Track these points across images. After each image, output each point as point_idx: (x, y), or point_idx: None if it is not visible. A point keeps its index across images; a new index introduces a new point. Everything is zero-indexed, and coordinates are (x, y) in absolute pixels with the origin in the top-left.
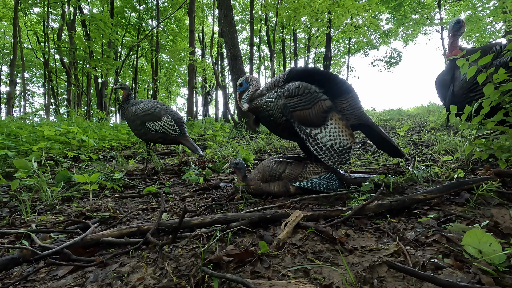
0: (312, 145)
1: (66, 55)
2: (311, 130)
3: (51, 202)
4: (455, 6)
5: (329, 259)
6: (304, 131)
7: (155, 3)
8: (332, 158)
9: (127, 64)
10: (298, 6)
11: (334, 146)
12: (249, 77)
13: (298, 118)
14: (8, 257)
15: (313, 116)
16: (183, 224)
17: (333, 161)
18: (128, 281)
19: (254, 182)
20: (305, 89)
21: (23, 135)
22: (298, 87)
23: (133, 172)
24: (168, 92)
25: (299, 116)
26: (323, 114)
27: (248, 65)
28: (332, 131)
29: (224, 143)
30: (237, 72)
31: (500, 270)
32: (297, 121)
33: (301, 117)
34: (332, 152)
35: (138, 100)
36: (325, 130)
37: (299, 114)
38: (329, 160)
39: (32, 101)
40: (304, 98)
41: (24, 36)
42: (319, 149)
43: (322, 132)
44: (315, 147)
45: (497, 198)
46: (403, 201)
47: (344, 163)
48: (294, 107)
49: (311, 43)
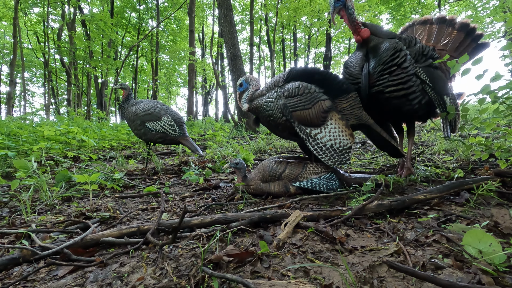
0: (312, 145)
1: (66, 55)
2: (311, 130)
3: (51, 202)
4: (455, 6)
5: (329, 259)
6: (304, 131)
7: (155, 3)
8: (332, 158)
9: (127, 64)
10: (298, 6)
11: (334, 146)
12: (249, 77)
13: (298, 118)
14: (8, 257)
15: (313, 116)
16: (183, 224)
17: (333, 161)
18: (128, 281)
19: (254, 182)
20: (305, 89)
21: (23, 135)
22: (298, 87)
23: (133, 172)
24: (168, 92)
25: (299, 116)
26: (323, 114)
27: (248, 65)
28: (332, 131)
29: (224, 143)
30: (237, 72)
31: (500, 270)
32: (297, 121)
33: (301, 117)
34: (332, 152)
35: (138, 100)
36: (325, 130)
37: (299, 114)
38: (329, 160)
39: (32, 101)
40: (304, 98)
41: (24, 36)
42: (319, 149)
43: (322, 132)
44: (315, 147)
45: (497, 198)
46: (403, 201)
47: (344, 163)
48: (294, 107)
49: (311, 43)
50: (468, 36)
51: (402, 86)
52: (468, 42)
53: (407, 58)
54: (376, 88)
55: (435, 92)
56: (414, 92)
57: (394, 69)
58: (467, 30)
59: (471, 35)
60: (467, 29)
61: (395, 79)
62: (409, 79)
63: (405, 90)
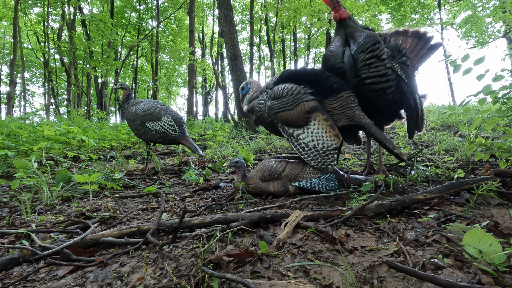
0: (294, 145)
1: (66, 55)
2: (294, 130)
3: (51, 202)
4: (455, 6)
5: (329, 259)
6: (287, 132)
7: (155, 3)
8: (315, 159)
9: (127, 64)
10: (298, 6)
11: (317, 147)
12: (250, 81)
13: (281, 119)
14: (8, 257)
15: (295, 117)
16: (183, 224)
17: (316, 162)
18: (128, 281)
19: (253, 181)
20: (288, 91)
21: (23, 135)
22: (283, 89)
23: (133, 172)
24: (168, 92)
25: (282, 116)
26: (305, 115)
27: (248, 65)
28: (315, 132)
29: (224, 143)
30: (237, 72)
31: (500, 270)
32: (280, 121)
33: (283, 117)
34: (315, 153)
35: (138, 100)
36: (308, 130)
37: (281, 115)
38: (311, 161)
39: (32, 101)
40: (286, 100)
41: (24, 36)
42: (301, 149)
43: (305, 132)
44: (298, 147)
45: (497, 198)
46: (403, 201)
47: (328, 164)
48: (278, 108)
49: (311, 43)
50: (420, 40)
51: (380, 79)
52: (421, 45)
53: (385, 51)
54: (356, 79)
55: (409, 88)
56: (391, 87)
57: (374, 60)
58: (419, 36)
59: (422, 39)
60: (418, 35)
61: (373, 71)
62: (386, 72)
63: (383, 84)
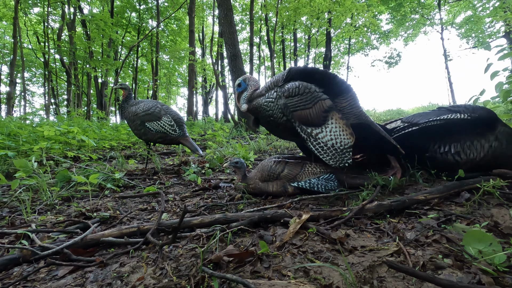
0: (313, 145)
1: (66, 55)
2: (312, 129)
3: (51, 202)
4: (455, 6)
5: (329, 259)
6: (305, 131)
7: (155, 3)
8: (334, 158)
9: (127, 64)
10: (298, 6)
11: (335, 146)
12: (248, 77)
13: (299, 118)
14: (8, 257)
15: (314, 116)
16: (183, 224)
17: (335, 161)
18: (128, 281)
19: (253, 181)
20: (305, 89)
21: (23, 135)
22: (298, 87)
23: (133, 172)
24: (168, 92)
25: (300, 116)
26: (323, 114)
27: (248, 65)
28: (333, 131)
29: (224, 143)
30: (237, 72)
31: (500, 270)
32: (298, 121)
33: (302, 117)
34: (334, 152)
35: (138, 100)
36: (326, 129)
37: (300, 114)
38: (330, 160)
39: (32, 101)
40: (304, 98)
41: (24, 36)
42: (320, 148)
43: (323, 131)
44: (316, 147)
45: (497, 198)
46: (403, 201)
47: (346, 162)
48: (295, 107)
49: (311, 43)
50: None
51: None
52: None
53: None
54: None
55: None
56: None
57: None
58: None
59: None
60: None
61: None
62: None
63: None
